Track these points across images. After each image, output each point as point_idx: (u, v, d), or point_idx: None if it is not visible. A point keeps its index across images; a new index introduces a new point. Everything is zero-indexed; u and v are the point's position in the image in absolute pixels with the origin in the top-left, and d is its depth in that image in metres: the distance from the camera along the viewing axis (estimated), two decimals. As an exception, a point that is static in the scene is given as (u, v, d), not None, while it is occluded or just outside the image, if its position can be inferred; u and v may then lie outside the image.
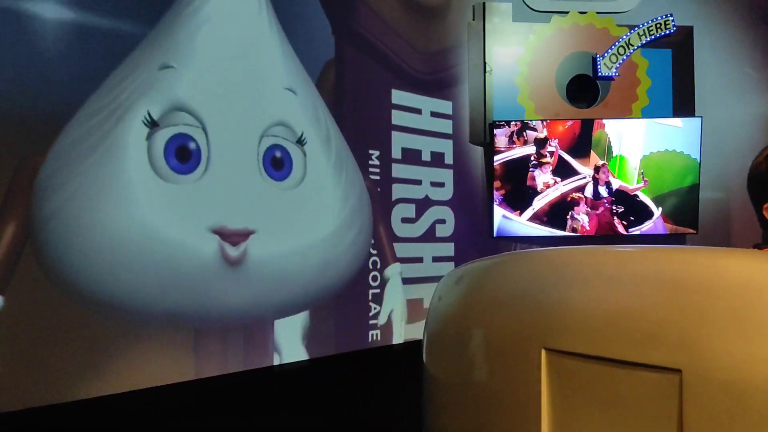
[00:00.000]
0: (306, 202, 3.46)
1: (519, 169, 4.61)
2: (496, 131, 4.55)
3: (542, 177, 4.63)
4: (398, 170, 4.12)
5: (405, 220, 4.16)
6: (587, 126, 4.59)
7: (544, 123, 4.53)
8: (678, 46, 4.82)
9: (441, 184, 4.42)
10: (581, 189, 4.64)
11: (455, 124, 4.54)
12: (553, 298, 1.08)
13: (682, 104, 4.72)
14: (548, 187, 4.63)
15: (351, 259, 3.76)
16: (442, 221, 4.42)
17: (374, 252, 3.93)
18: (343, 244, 3.69)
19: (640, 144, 4.61)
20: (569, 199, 4.67)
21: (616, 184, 4.61)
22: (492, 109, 4.68)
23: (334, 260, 3.63)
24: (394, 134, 4.12)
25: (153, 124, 2.84)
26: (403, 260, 4.13)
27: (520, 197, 4.64)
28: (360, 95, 3.92)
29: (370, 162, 3.96)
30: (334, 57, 3.75)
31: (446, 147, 4.47)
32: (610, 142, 4.61)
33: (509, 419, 1.13)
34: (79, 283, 2.61)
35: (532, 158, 4.60)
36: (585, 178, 4.63)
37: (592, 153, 4.61)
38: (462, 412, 1.30)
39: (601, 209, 4.66)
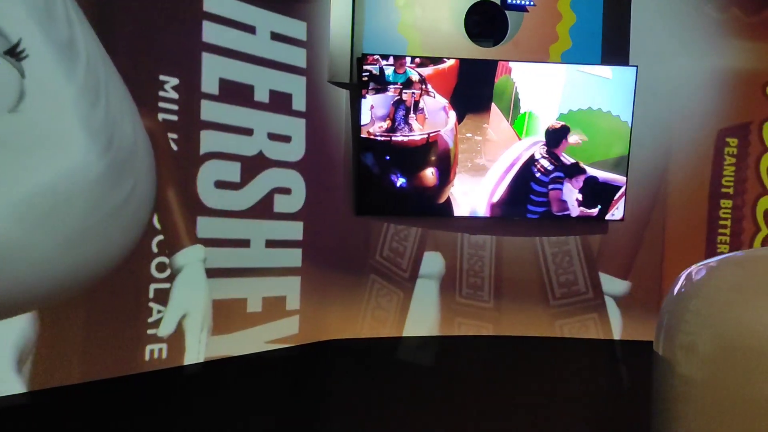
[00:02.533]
0: (22, 139, 2.14)
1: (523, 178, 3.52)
2: (374, 85, 3.31)
3: (573, 194, 3.57)
4: (211, 111, 2.83)
5: (222, 185, 2.88)
6: (487, 69, 3.43)
7: (413, 62, 3.33)
8: (612, -21, 3.72)
9: (286, 138, 3.16)
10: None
11: (311, 55, 3.27)
12: None
13: (614, 49, 3.63)
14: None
15: (117, 234, 2.47)
16: (286, 190, 3.16)
17: (159, 228, 2.63)
18: (104, 209, 2.39)
19: (556, 98, 3.49)
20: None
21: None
22: (362, 38, 3.44)
23: (87, 233, 2.34)
24: (207, 57, 2.81)
25: None
26: (216, 243, 2.86)
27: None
28: (149, -7, 2.59)
29: (162, 94, 2.64)
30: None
31: (296, 86, 3.20)
32: (517, 94, 3.47)
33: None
34: None
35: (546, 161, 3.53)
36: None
37: (493, 107, 3.46)
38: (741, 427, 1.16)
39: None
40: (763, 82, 3.65)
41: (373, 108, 3.35)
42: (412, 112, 3.39)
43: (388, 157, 3.40)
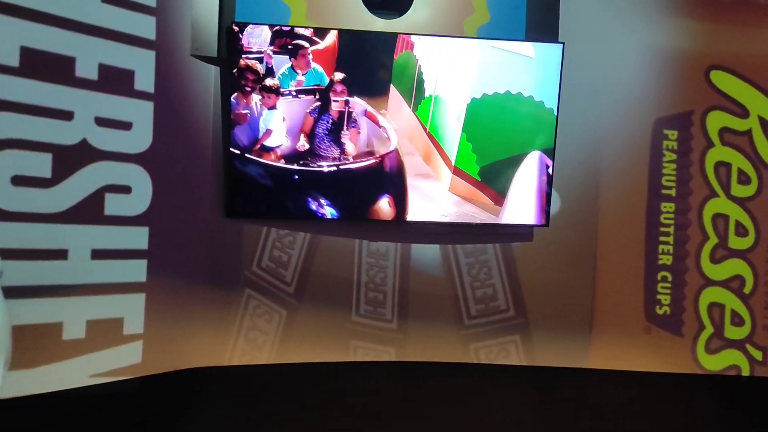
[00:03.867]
0: None
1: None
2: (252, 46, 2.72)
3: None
4: (7, 87, 2.25)
5: (24, 182, 2.30)
6: (382, 44, 2.86)
7: (285, 35, 2.75)
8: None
9: (123, 125, 2.57)
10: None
11: (165, 25, 2.68)
12: None
13: (542, 24, 3.06)
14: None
15: None
16: (123, 189, 2.58)
17: None
18: None
19: (469, 80, 2.92)
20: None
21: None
22: (234, 3, 2.86)
23: None
24: (1, 20, 2.22)
25: None
26: (16, 255, 2.28)
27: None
28: None
29: (-71, 65, 2.06)
30: None
31: (141, 61, 2.61)
32: (421, 74, 2.90)
33: None
34: None
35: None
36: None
37: (392, 89, 2.89)
38: None
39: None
40: (707, 66, 3.09)
41: (285, 120, 2.79)
42: (345, 127, 2.82)
43: (296, 177, 2.84)
